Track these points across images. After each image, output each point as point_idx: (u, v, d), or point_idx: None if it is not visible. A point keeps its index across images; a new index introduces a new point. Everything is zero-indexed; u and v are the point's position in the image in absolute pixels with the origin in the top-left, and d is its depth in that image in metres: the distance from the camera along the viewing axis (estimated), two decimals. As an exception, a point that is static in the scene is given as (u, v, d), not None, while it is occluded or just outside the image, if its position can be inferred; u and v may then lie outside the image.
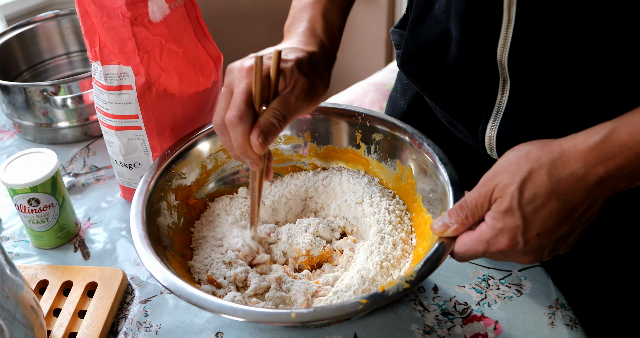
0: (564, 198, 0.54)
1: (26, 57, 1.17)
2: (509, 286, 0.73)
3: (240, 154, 0.63)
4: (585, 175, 0.54)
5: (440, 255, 0.60)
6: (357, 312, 0.57)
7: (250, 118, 0.61)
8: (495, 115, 0.71)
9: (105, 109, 0.79)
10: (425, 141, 0.75)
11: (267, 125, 0.61)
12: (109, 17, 0.73)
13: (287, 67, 0.62)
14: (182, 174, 0.78)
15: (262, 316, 0.58)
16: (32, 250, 0.84)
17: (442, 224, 0.61)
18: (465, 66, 0.71)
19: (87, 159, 1.02)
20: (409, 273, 0.59)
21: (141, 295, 0.76)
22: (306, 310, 0.57)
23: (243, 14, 2.05)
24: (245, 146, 0.61)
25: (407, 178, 0.78)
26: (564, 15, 0.60)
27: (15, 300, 0.60)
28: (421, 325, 0.69)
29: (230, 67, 0.63)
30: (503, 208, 0.56)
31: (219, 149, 0.82)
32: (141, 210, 0.70)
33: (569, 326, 0.68)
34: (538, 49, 0.63)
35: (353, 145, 0.83)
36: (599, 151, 0.53)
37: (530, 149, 0.57)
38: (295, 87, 0.62)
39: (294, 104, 0.62)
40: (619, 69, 0.62)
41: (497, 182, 0.57)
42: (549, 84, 0.65)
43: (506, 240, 0.57)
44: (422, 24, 0.76)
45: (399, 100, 1.01)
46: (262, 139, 0.60)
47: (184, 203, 0.78)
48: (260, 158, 0.63)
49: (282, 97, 0.62)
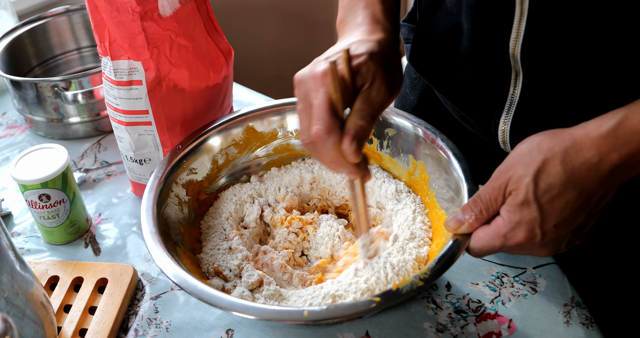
0: (580, 187, 0.54)
1: (37, 52, 1.17)
2: (523, 284, 0.72)
3: (335, 166, 0.59)
4: (599, 163, 0.53)
5: (454, 253, 0.59)
6: (370, 310, 0.56)
7: (338, 128, 0.57)
8: (508, 108, 0.70)
9: (115, 104, 0.79)
10: (439, 136, 0.73)
11: (357, 129, 0.57)
12: (119, 12, 0.73)
13: (361, 63, 0.58)
14: (193, 170, 0.78)
15: (273, 314, 0.57)
16: (43, 246, 0.84)
17: (456, 220, 0.60)
18: (477, 59, 0.70)
19: (98, 154, 1.02)
20: (423, 270, 0.58)
21: (152, 291, 0.76)
22: (318, 308, 0.56)
23: (254, 8, 2.04)
24: (339, 158, 0.58)
25: (420, 173, 0.77)
26: (577, 7, 0.59)
27: (25, 297, 0.60)
28: (434, 323, 0.69)
29: (300, 77, 0.59)
30: (519, 201, 0.55)
31: (230, 144, 0.81)
32: (152, 206, 0.69)
33: (584, 325, 0.67)
34: (551, 41, 0.62)
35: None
36: (612, 139, 0.53)
37: (542, 140, 0.56)
38: (374, 82, 0.59)
39: (377, 99, 0.59)
40: (632, 59, 0.61)
41: (511, 175, 0.56)
42: (562, 75, 0.64)
43: (524, 233, 0.56)
44: (432, 17, 0.75)
45: (408, 95, 1.00)
46: (356, 145, 0.57)
47: (195, 198, 0.78)
48: (357, 166, 0.59)
49: (363, 96, 0.58)
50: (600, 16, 0.59)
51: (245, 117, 0.82)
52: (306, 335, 0.69)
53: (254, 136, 0.82)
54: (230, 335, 0.69)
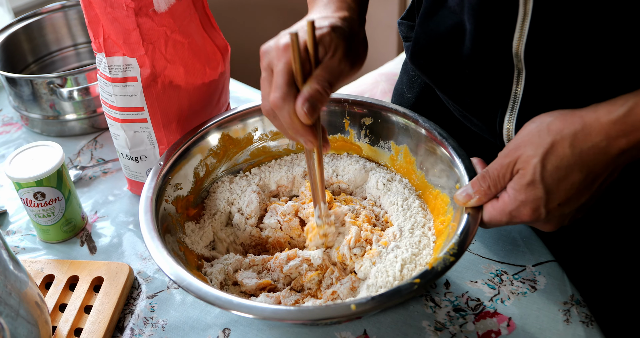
0: (586, 170, 0.56)
1: (33, 49, 1.16)
2: (522, 282, 0.72)
3: (293, 134, 0.61)
4: (607, 147, 0.55)
5: (471, 225, 0.61)
6: (413, 292, 0.56)
7: (294, 96, 0.59)
8: (512, 106, 0.70)
9: (110, 101, 0.78)
10: (420, 118, 0.75)
11: (311, 92, 0.58)
12: (113, 8, 0.72)
13: (323, 34, 0.60)
14: (178, 185, 0.75)
15: (273, 313, 0.56)
16: (39, 244, 0.83)
17: (465, 194, 0.63)
18: (480, 58, 0.70)
19: (94, 151, 1.01)
20: (450, 246, 0.59)
21: (148, 290, 0.75)
22: (364, 300, 0.55)
23: (251, 3, 2.03)
24: (295, 124, 0.60)
25: (404, 157, 0.79)
26: (581, 6, 0.59)
27: (19, 296, 0.59)
28: (432, 322, 0.68)
29: (265, 48, 0.61)
30: (526, 181, 0.57)
31: (209, 154, 0.79)
32: (150, 204, 0.68)
33: (584, 323, 0.67)
34: (555, 39, 0.62)
35: (342, 132, 0.82)
36: (621, 125, 0.54)
37: (552, 121, 0.57)
38: (336, 52, 0.60)
39: (337, 67, 0.60)
40: (635, 53, 0.60)
41: (520, 154, 0.58)
42: (565, 71, 0.64)
43: (529, 211, 0.58)
44: (434, 16, 0.75)
45: (405, 92, 0.99)
46: (309, 107, 0.58)
47: (185, 214, 0.76)
48: (313, 133, 0.61)
49: (324, 64, 0.60)
50: (604, 14, 0.59)
51: (220, 123, 0.80)
52: (304, 334, 0.68)
53: (230, 143, 0.82)
54: (227, 334, 0.69)
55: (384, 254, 0.69)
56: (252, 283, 0.69)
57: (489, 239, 0.77)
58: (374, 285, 0.65)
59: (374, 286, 0.65)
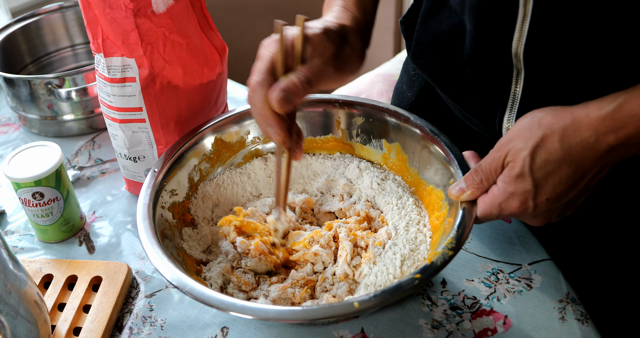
0: (575, 165, 0.56)
1: (31, 49, 1.16)
2: (518, 280, 0.72)
3: (262, 121, 0.62)
4: (595, 143, 0.55)
5: (467, 219, 0.62)
6: (414, 287, 0.56)
7: (270, 84, 0.60)
8: (511, 106, 0.70)
9: (109, 101, 0.78)
10: (411, 116, 0.76)
11: (287, 83, 0.60)
12: (112, 9, 0.72)
13: (314, 34, 0.62)
14: (174, 191, 0.75)
15: (270, 313, 0.56)
16: (37, 244, 0.84)
17: (458, 189, 0.64)
18: (480, 58, 0.70)
19: (92, 152, 1.01)
20: (449, 240, 0.60)
21: (146, 289, 0.75)
22: (367, 297, 0.56)
23: (249, 4, 2.04)
24: (265, 111, 0.60)
25: (397, 154, 0.79)
26: (581, 6, 0.59)
27: (19, 295, 0.59)
28: (429, 320, 0.68)
29: (264, 41, 0.64)
30: (515, 173, 0.58)
31: (202, 159, 0.80)
32: (148, 204, 0.69)
33: (579, 321, 0.67)
34: (554, 40, 0.63)
35: (334, 133, 0.83)
36: (610, 121, 0.55)
37: (544, 116, 0.58)
38: (323, 54, 0.62)
39: (319, 67, 0.62)
40: (633, 52, 0.61)
41: (511, 147, 0.59)
42: (564, 71, 0.65)
43: (517, 204, 0.59)
44: (435, 15, 0.75)
45: (405, 91, 0.99)
46: (281, 95, 0.59)
47: (182, 220, 0.76)
48: (282, 126, 0.62)
49: (308, 62, 0.62)
50: (603, 15, 0.59)
51: (213, 127, 0.80)
52: (302, 333, 0.68)
53: (223, 147, 0.82)
54: (226, 332, 0.69)
55: (382, 253, 0.69)
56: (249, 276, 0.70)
57: (486, 238, 0.78)
58: (373, 284, 0.66)
59: (373, 285, 0.66)
